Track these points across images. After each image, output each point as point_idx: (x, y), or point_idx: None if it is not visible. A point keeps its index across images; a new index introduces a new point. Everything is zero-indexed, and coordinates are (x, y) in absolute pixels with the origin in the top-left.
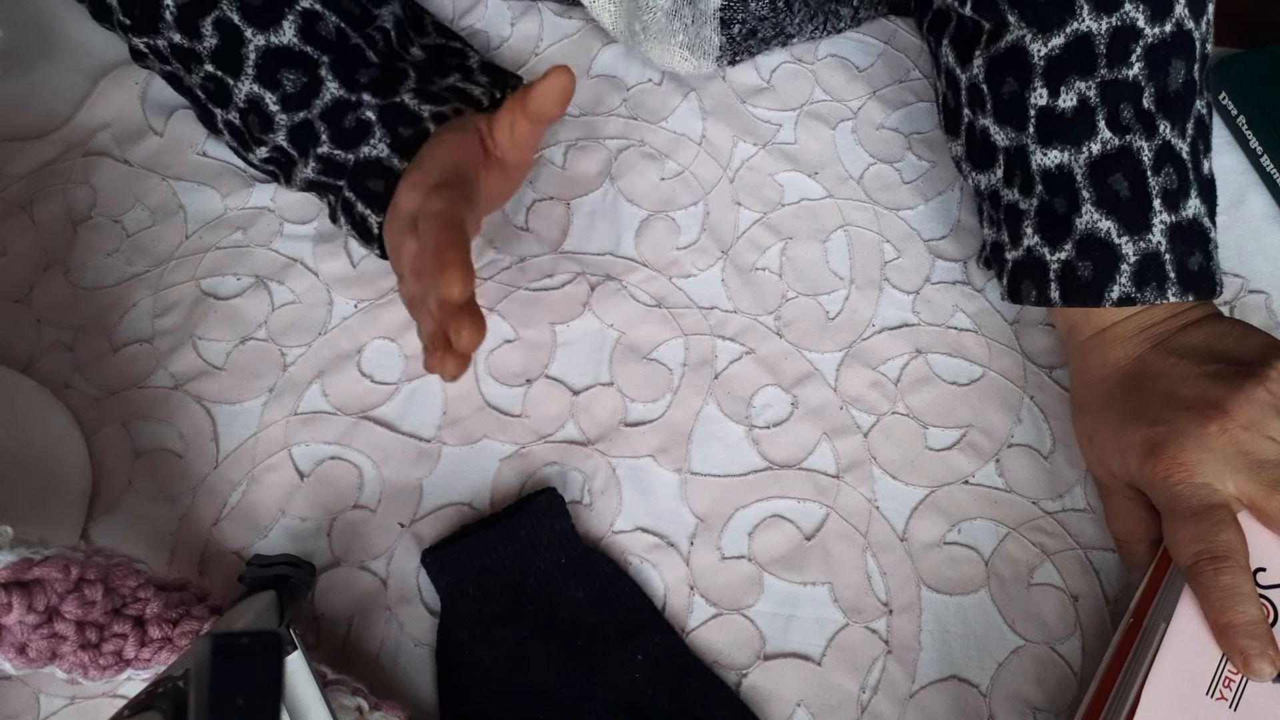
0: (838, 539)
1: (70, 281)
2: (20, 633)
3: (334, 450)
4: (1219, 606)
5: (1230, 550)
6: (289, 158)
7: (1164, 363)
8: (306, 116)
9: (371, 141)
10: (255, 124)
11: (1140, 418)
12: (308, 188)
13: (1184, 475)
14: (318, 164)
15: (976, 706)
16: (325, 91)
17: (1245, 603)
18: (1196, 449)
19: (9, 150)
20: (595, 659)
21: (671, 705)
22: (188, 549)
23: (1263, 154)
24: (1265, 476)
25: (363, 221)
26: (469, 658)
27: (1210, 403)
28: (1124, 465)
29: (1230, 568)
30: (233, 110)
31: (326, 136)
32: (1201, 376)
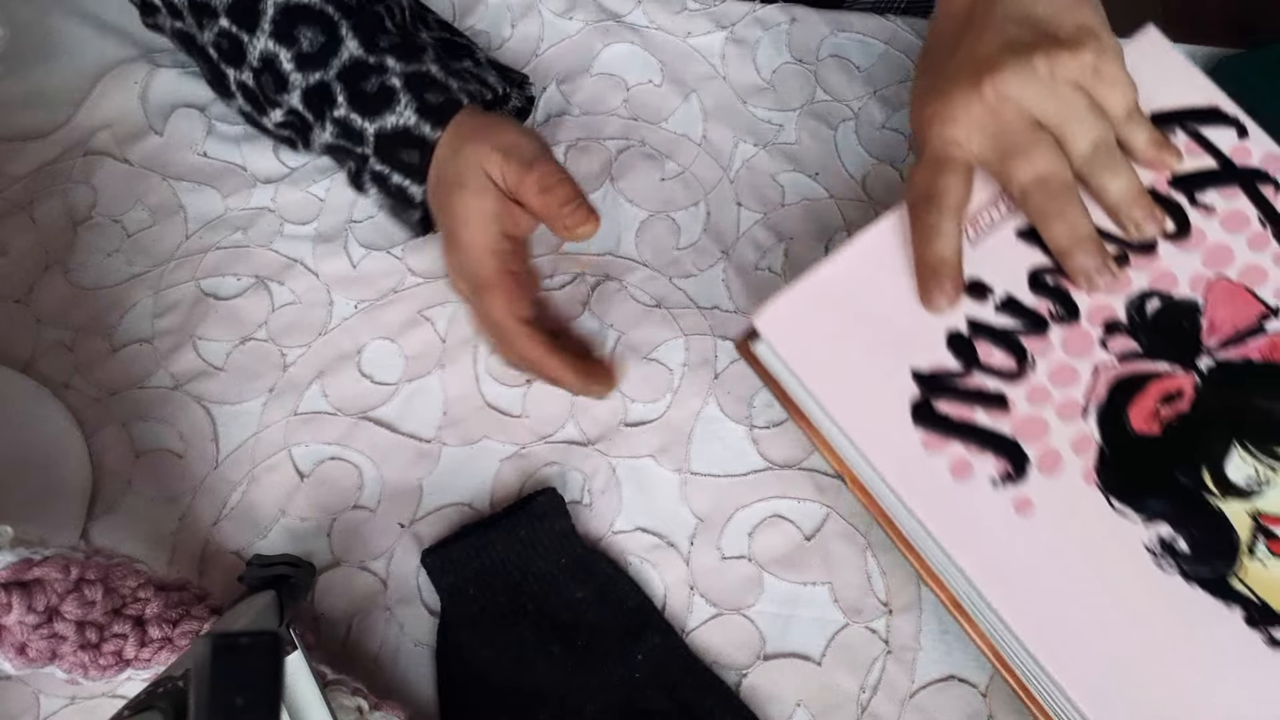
0: (838, 539)
1: (70, 281)
2: (20, 633)
3: (334, 450)
4: (917, 241)
5: (943, 192)
6: (304, 122)
7: (985, 16)
8: (323, 78)
9: (397, 109)
10: (269, 84)
11: (939, 70)
12: (327, 152)
13: (939, 127)
14: (335, 128)
15: (976, 706)
16: (344, 51)
17: (940, 241)
18: (958, 105)
19: (9, 150)
20: (595, 659)
21: (671, 705)
22: (188, 549)
23: None
24: (1002, 144)
25: (401, 192)
26: (469, 658)
27: (990, 64)
28: (912, 115)
29: (938, 209)
30: (246, 70)
31: (344, 99)
32: (999, 36)
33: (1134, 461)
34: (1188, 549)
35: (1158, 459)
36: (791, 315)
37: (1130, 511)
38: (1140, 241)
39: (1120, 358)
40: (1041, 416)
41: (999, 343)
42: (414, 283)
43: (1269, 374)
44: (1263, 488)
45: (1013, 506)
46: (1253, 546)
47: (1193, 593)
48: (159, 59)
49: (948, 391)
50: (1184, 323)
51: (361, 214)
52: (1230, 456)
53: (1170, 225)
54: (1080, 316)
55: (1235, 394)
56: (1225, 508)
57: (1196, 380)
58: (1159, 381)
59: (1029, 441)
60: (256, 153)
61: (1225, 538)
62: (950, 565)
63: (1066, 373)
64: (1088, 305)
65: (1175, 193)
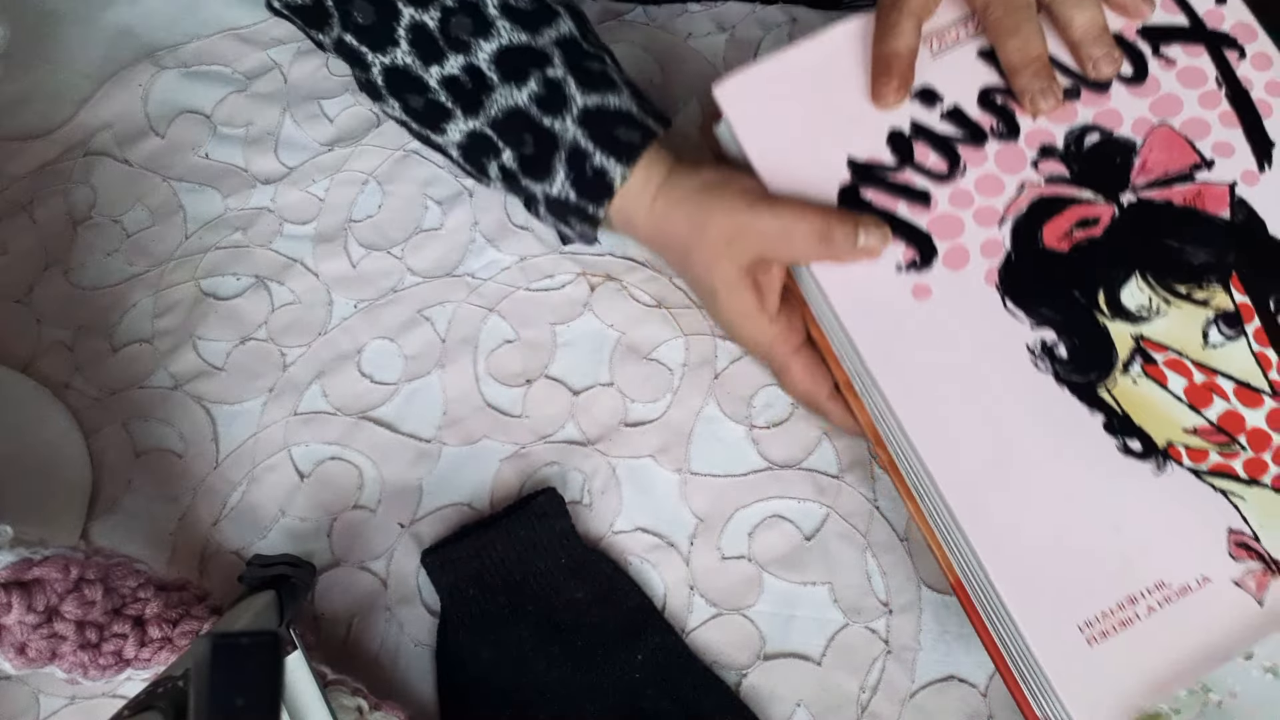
0: (838, 539)
1: (70, 281)
2: (20, 633)
3: (334, 450)
4: (876, 37)
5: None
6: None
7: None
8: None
9: (616, 89)
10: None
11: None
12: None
13: None
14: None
15: (976, 707)
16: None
17: (896, 38)
18: None
19: (9, 150)
20: (595, 659)
21: (671, 705)
22: (188, 549)
23: None
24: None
25: (600, 176)
26: (469, 658)
27: None
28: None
29: (900, 9)
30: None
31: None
32: None
33: (1036, 271)
34: (1066, 355)
35: (1059, 274)
36: (751, 90)
37: (1021, 314)
38: (1096, 80)
39: (1048, 179)
40: (959, 217)
41: (936, 146)
42: (414, 282)
43: (1185, 218)
44: (1152, 316)
45: (911, 291)
46: (1128, 365)
47: (1060, 394)
48: (162, 60)
49: (877, 182)
50: (1118, 159)
51: (361, 214)
52: (1128, 284)
53: (1128, 69)
54: (1019, 137)
55: (1148, 230)
56: (1111, 327)
57: (1115, 212)
58: (1079, 206)
59: (941, 237)
60: (257, 153)
61: (1104, 352)
62: (846, 343)
63: (993, 183)
64: (1029, 128)
65: (1140, 41)
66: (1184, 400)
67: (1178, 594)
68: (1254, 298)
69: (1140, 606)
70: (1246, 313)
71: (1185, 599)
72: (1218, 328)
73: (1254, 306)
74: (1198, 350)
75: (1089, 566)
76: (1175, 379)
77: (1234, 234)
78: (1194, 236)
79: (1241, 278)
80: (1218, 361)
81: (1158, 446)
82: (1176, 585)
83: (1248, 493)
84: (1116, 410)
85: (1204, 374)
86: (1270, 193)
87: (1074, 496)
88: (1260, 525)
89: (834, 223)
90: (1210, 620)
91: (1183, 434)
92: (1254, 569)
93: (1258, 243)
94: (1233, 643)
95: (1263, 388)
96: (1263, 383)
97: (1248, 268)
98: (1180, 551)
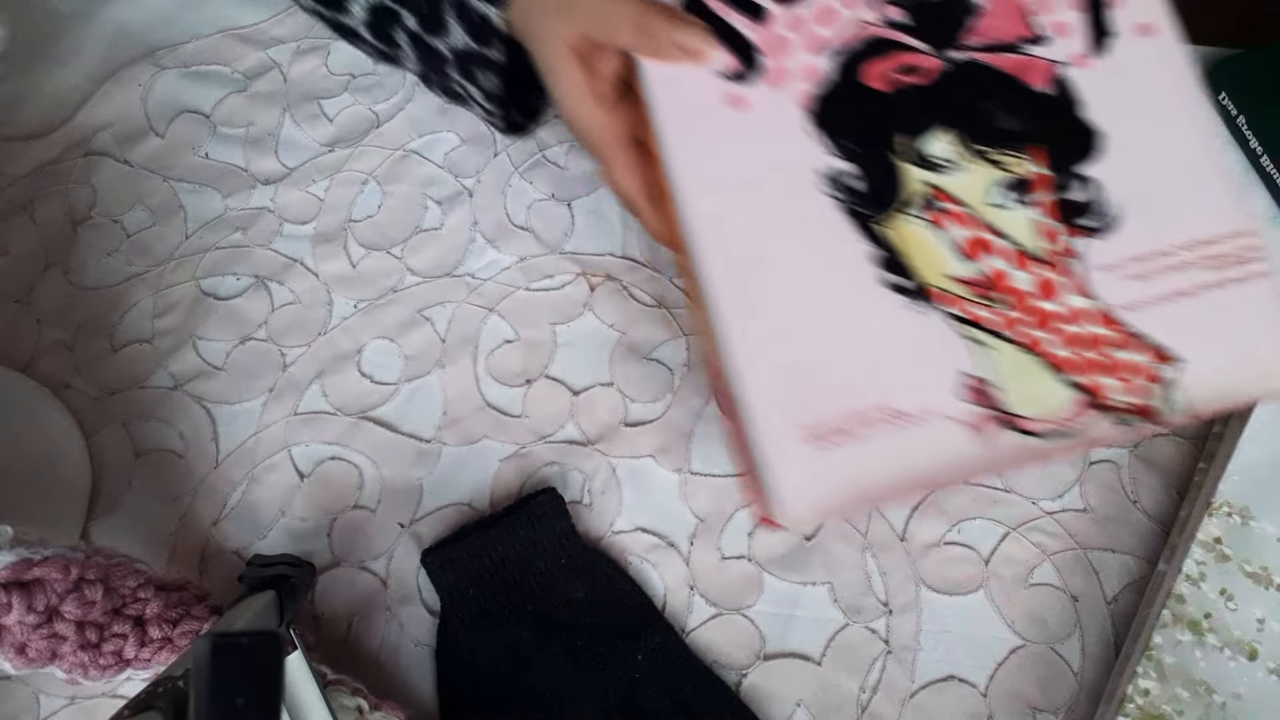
0: (837, 539)
1: (70, 281)
2: (20, 633)
3: (334, 450)
4: None
5: None
6: None
7: None
8: None
9: None
10: None
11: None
12: None
13: None
14: None
15: (976, 706)
16: None
17: None
18: None
19: (9, 150)
20: (595, 659)
21: (671, 705)
22: (188, 549)
23: (1263, 154)
24: None
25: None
26: (469, 658)
27: None
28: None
29: None
30: None
31: None
32: None
33: (850, 105)
34: (856, 187)
35: (871, 111)
36: None
37: (825, 139)
38: None
39: (885, 22)
40: (789, 39)
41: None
42: (413, 282)
43: (1005, 85)
44: (949, 170)
45: (727, 98)
46: (912, 207)
47: (840, 220)
48: (162, 60)
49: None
50: (957, 17)
51: (361, 214)
52: (935, 134)
53: None
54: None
55: (968, 89)
56: (906, 170)
57: (941, 65)
58: (907, 54)
59: (768, 54)
60: (257, 153)
61: (892, 192)
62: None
63: (830, 14)
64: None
65: None
66: (957, 249)
67: (901, 419)
68: (1051, 170)
69: (863, 422)
70: (1040, 183)
71: (907, 426)
72: (1008, 191)
73: (1048, 179)
74: (983, 207)
75: (825, 376)
76: (955, 228)
77: (1047, 108)
78: (1009, 103)
79: (1044, 151)
80: (1000, 222)
81: (919, 286)
82: (902, 410)
83: (997, 345)
84: (888, 245)
85: (984, 230)
86: (1094, 79)
87: (828, 313)
88: (998, 375)
89: (653, 14)
90: (926, 451)
91: (946, 279)
92: (981, 414)
93: (1067, 121)
94: (943, 476)
95: (1036, 254)
96: (1038, 250)
97: (1052, 142)
98: (913, 381)
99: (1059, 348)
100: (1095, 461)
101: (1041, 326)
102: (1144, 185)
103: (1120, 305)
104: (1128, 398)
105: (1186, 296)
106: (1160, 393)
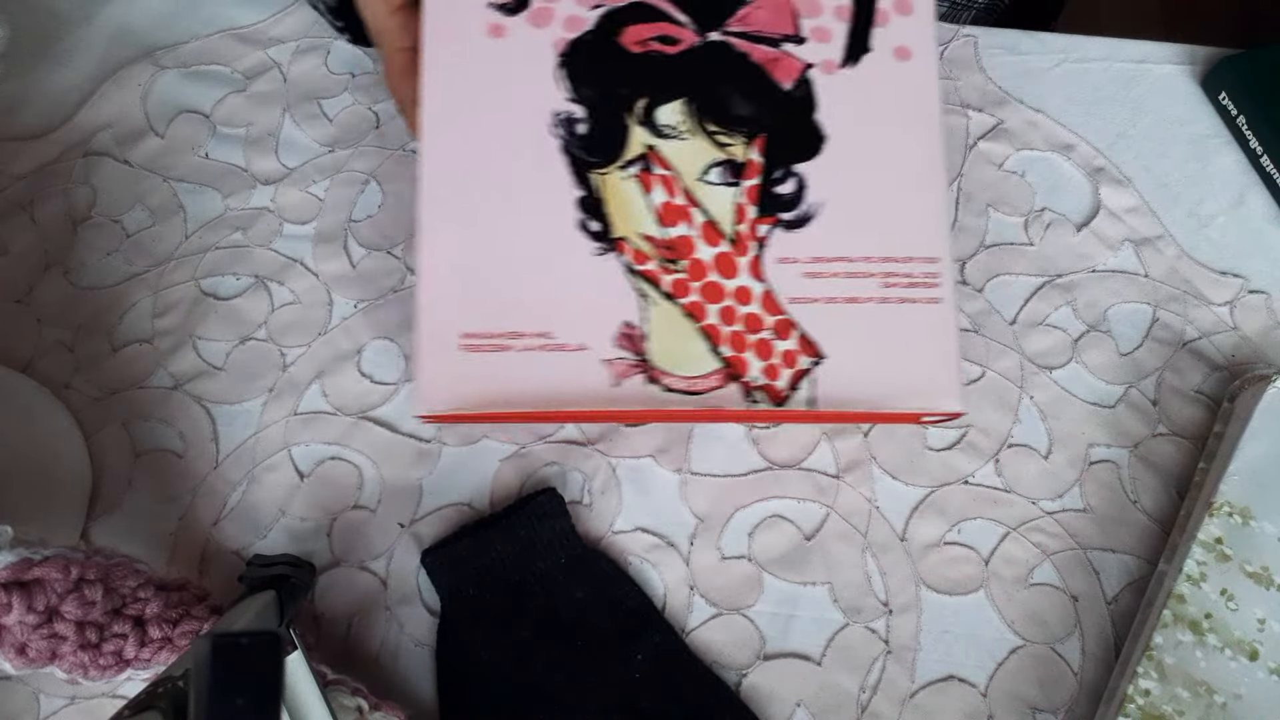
0: (837, 539)
1: (70, 281)
2: (20, 633)
3: (334, 450)
4: None
5: None
6: None
7: None
8: None
9: None
10: None
11: None
12: None
13: None
14: None
15: (976, 706)
16: None
17: None
18: None
19: (9, 150)
20: (595, 659)
21: (671, 705)
22: (188, 549)
23: (1263, 154)
24: None
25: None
26: (468, 657)
27: None
28: None
29: None
30: None
31: None
32: None
33: (599, 58)
34: (582, 133)
35: (617, 68)
36: None
37: (565, 83)
38: None
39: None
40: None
41: None
42: (414, 282)
43: (750, 73)
44: (672, 138)
45: (489, 26)
46: (628, 165)
47: (557, 159)
48: (162, 60)
49: None
50: (727, 1)
51: (361, 214)
52: (670, 104)
53: None
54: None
55: (714, 69)
56: (632, 129)
57: (696, 41)
58: (668, 24)
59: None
60: (257, 154)
61: (615, 147)
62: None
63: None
64: None
65: None
66: (655, 212)
67: (554, 348)
68: (766, 161)
69: (520, 342)
70: (751, 169)
71: (558, 354)
72: (721, 170)
73: (759, 167)
74: (692, 180)
75: (499, 294)
76: (659, 192)
77: (783, 104)
78: (748, 91)
79: (766, 142)
80: (703, 196)
81: (610, 235)
82: (557, 341)
83: (661, 303)
84: (596, 193)
85: (685, 199)
86: (836, 87)
87: (520, 240)
88: (654, 331)
89: None
90: (566, 379)
91: (637, 236)
92: (626, 359)
93: (797, 120)
94: (575, 406)
95: (726, 232)
96: (729, 229)
97: (776, 135)
98: (577, 318)
99: (717, 319)
100: (1095, 462)
101: (707, 296)
102: (849, 194)
103: (786, 295)
104: (762, 377)
105: (854, 304)
106: (789, 379)
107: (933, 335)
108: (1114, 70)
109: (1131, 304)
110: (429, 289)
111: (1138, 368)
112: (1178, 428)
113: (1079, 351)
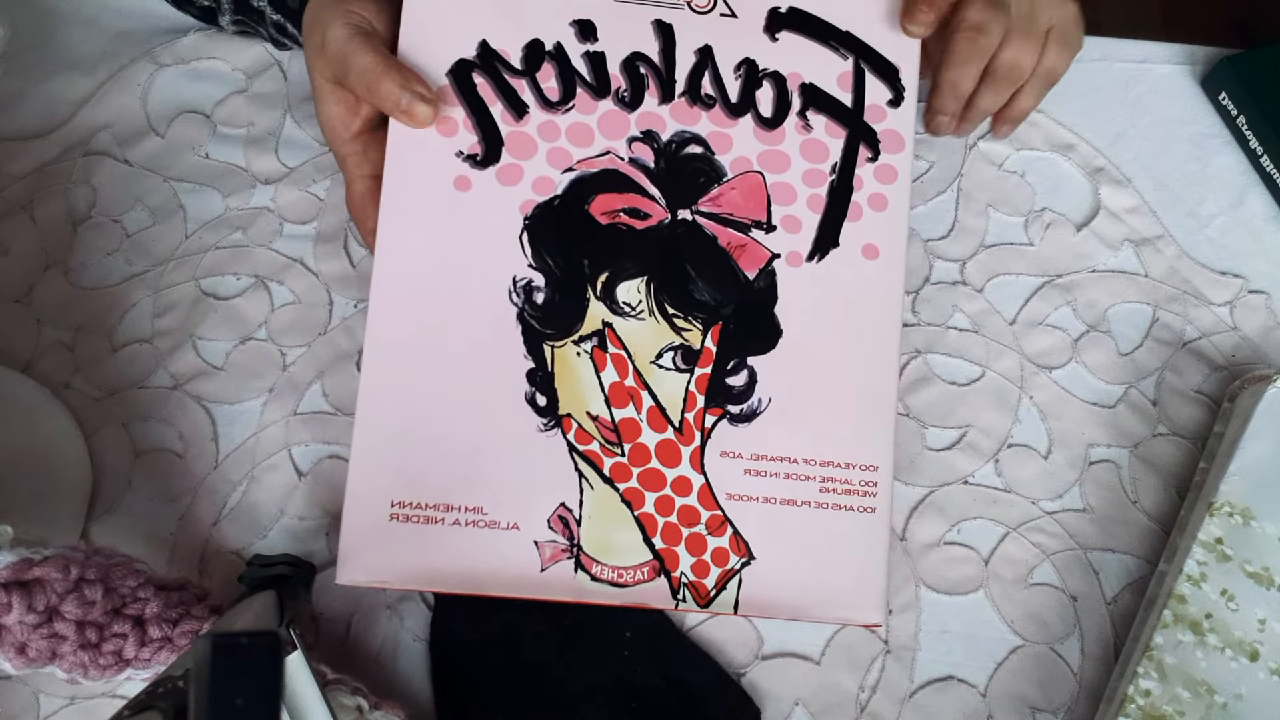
0: None
1: (70, 281)
2: (20, 633)
3: (334, 450)
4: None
5: None
6: None
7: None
8: None
9: None
10: None
11: None
12: None
13: None
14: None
15: (975, 706)
16: None
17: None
18: None
19: (9, 150)
20: (584, 636)
21: (661, 682)
22: (188, 549)
23: (1263, 154)
24: None
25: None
26: (460, 641)
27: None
28: None
29: None
30: None
31: None
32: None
33: (566, 226)
34: (540, 302)
35: (582, 239)
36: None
37: (528, 247)
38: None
39: (630, 160)
40: (536, 143)
41: (562, 75)
42: None
43: (715, 259)
44: (628, 316)
45: (455, 179)
46: (582, 340)
47: (512, 327)
48: (162, 59)
49: (492, 74)
50: (701, 179)
51: None
52: (632, 281)
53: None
54: (634, 111)
55: (680, 250)
56: (592, 304)
57: (665, 219)
58: (639, 197)
59: (511, 152)
60: (258, 153)
61: (572, 320)
62: None
63: (585, 135)
64: (648, 109)
65: (796, 95)
66: (604, 392)
67: (486, 524)
68: (719, 351)
69: (450, 515)
70: (705, 358)
71: (489, 531)
72: (674, 356)
73: (714, 356)
74: (645, 362)
75: (433, 463)
76: (610, 372)
77: (744, 295)
78: (711, 277)
79: (722, 331)
80: (654, 380)
81: (557, 411)
82: (490, 517)
83: (600, 487)
84: (546, 366)
85: (636, 382)
86: (800, 281)
87: (463, 407)
88: (589, 515)
89: (386, 75)
90: (493, 558)
91: (583, 415)
92: (557, 543)
93: (755, 313)
94: (499, 586)
95: (673, 419)
96: (676, 416)
97: (732, 326)
98: (514, 495)
99: (653, 508)
100: (1095, 462)
101: (646, 484)
102: (799, 393)
103: (724, 490)
104: (691, 574)
105: (790, 506)
106: (717, 578)
107: (864, 546)
108: (1114, 70)
109: (1131, 304)
110: (361, 453)
111: (1138, 368)
112: (1178, 428)
113: (1079, 351)
